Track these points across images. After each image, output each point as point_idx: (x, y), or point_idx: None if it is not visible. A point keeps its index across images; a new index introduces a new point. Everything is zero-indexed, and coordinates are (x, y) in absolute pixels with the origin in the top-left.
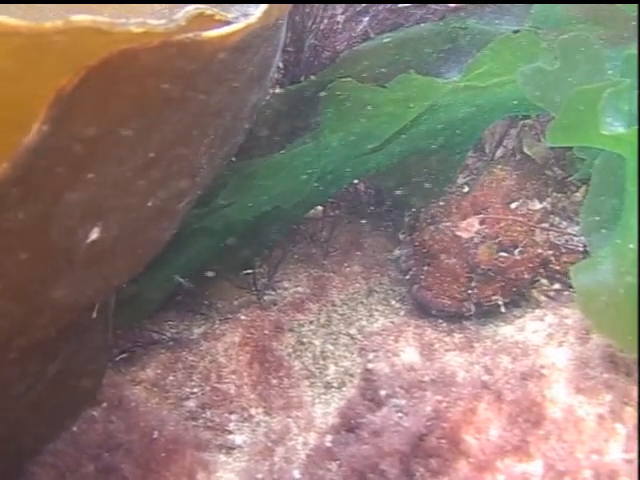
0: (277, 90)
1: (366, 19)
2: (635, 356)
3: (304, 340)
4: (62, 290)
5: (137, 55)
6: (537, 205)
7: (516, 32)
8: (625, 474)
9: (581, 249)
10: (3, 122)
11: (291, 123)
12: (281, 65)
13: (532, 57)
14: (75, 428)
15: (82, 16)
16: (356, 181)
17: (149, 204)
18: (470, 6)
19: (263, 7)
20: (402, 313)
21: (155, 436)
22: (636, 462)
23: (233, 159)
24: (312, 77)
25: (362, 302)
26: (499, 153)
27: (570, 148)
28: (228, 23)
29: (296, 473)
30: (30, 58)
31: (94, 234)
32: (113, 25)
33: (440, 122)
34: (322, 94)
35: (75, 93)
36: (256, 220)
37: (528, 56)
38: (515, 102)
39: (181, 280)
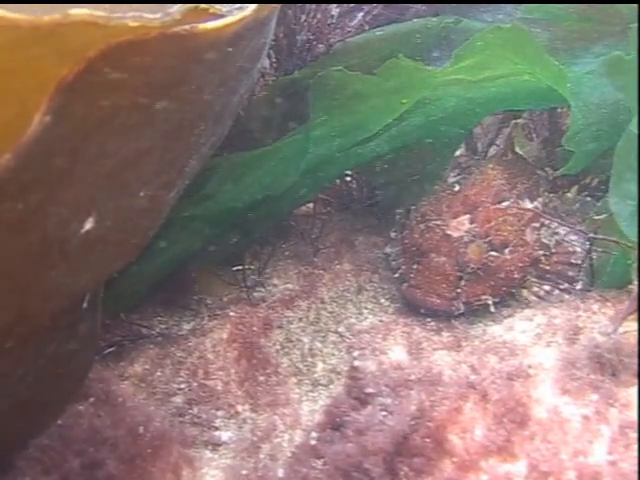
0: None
1: (360, 14)
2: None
3: (292, 337)
4: (56, 279)
5: (135, 46)
6: (528, 204)
7: None
8: (608, 475)
9: (571, 249)
10: (3, 113)
11: (284, 117)
12: (274, 59)
13: (522, 50)
14: (61, 423)
15: (80, 10)
16: (348, 178)
17: (141, 194)
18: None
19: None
20: (391, 311)
21: (141, 432)
22: (620, 464)
23: (225, 153)
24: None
25: (351, 300)
26: (491, 152)
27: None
28: (222, 17)
29: (280, 472)
30: (29, 51)
31: (88, 224)
32: (110, 19)
33: (431, 115)
34: (311, 82)
35: (75, 84)
36: (246, 209)
37: (518, 49)
38: (507, 97)
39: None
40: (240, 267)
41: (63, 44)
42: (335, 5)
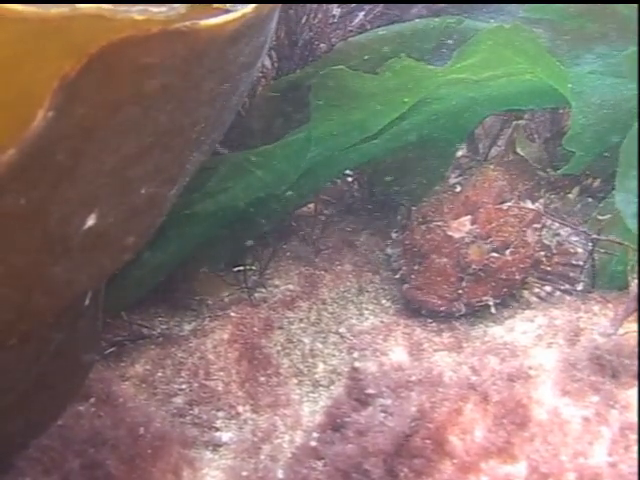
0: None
1: (362, 14)
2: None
3: (293, 338)
4: (58, 276)
5: (136, 43)
6: (529, 206)
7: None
8: (608, 477)
9: (573, 250)
10: (9, 107)
11: (285, 116)
12: (275, 59)
13: (524, 50)
14: (62, 423)
15: (87, 4)
16: (349, 179)
17: (142, 191)
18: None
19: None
20: (392, 312)
21: (141, 432)
22: (620, 466)
23: (227, 152)
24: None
25: (352, 301)
26: (492, 153)
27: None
28: (227, 12)
29: (280, 472)
30: (37, 44)
31: (90, 221)
32: (116, 12)
33: (432, 114)
34: (312, 81)
35: (78, 80)
36: (247, 208)
37: (520, 49)
38: (508, 96)
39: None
40: (241, 267)
41: (70, 38)
42: (336, 5)
